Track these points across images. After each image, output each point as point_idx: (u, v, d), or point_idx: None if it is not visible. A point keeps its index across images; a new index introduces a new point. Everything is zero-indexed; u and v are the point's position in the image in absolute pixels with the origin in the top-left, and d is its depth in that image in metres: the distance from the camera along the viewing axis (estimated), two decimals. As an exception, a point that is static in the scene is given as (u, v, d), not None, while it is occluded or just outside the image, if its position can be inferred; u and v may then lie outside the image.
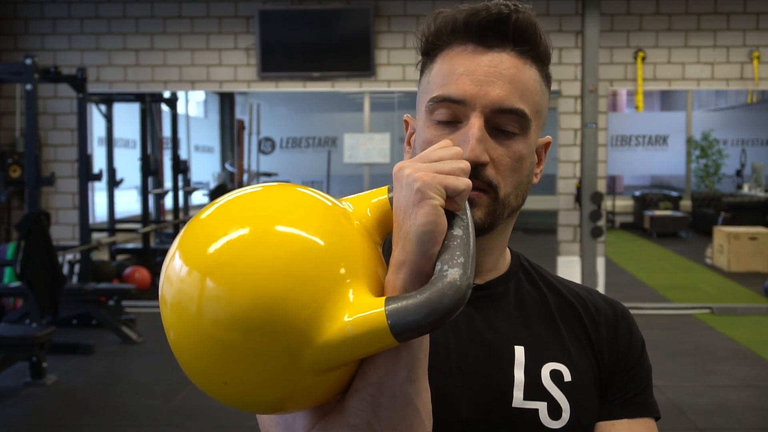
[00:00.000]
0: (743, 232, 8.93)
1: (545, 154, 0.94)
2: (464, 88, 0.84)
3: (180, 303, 0.64)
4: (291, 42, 7.44)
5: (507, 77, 0.84)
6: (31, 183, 5.43)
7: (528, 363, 0.89)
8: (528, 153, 0.87)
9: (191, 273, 0.64)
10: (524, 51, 0.86)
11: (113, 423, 4.19)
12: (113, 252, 8.09)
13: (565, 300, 0.97)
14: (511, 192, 0.87)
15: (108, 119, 7.86)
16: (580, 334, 0.94)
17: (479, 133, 0.82)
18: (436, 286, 0.63)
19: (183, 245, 0.67)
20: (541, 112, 0.89)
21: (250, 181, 10.82)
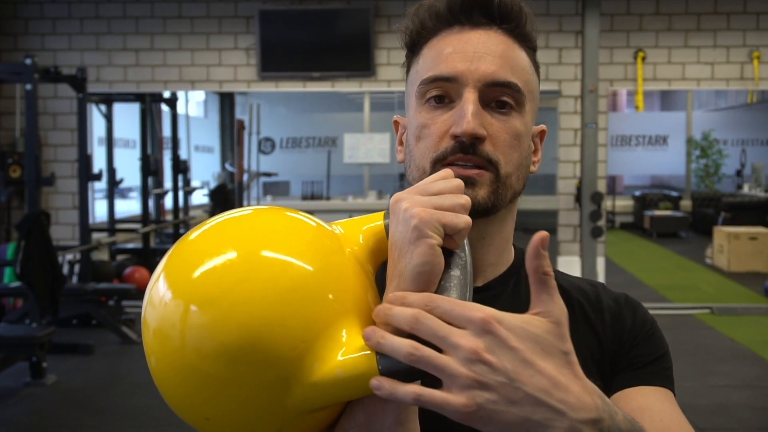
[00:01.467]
0: (743, 232, 8.93)
1: (541, 143, 0.91)
2: (454, 65, 0.81)
3: (162, 329, 0.61)
4: (291, 42, 7.44)
5: (497, 52, 0.82)
6: (31, 183, 5.43)
7: None
8: (525, 131, 0.83)
9: (176, 299, 0.61)
10: (511, 29, 0.84)
11: (113, 423, 4.19)
12: (113, 252, 8.09)
13: (570, 297, 0.91)
14: (512, 171, 0.82)
15: (108, 119, 7.86)
16: (588, 331, 0.89)
17: (474, 107, 0.79)
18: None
19: (169, 268, 0.64)
20: (533, 93, 0.85)
21: (250, 181, 10.82)
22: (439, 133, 0.81)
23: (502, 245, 0.89)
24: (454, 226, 0.64)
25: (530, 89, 0.84)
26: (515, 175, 0.83)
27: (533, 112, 0.86)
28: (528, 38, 0.85)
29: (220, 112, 14.33)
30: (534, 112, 0.87)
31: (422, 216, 0.64)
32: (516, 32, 0.84)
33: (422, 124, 0.83)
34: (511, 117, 0.82)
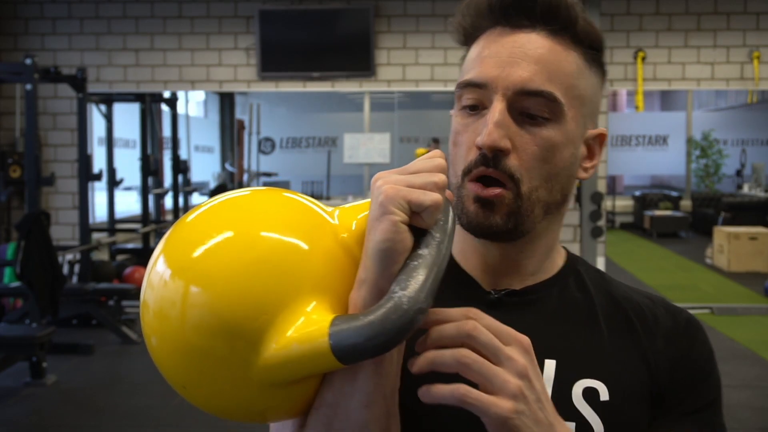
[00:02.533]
0: (743, 232, 8.93)
1: (600, 147, 0.85)
2: (487, 70, 0.78)
3: (162, 309, 0.63)
4: (291, 42, 7.44)
5: (533, 57, 0.77)
6: (31, 183, 5.43)
7: (558, 378, 0.78)
8: (563, 142, 0.78)
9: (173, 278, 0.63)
10: (556, 30, 0.78)
11: (113, 423, 4.19)
12: (113, 252, 8.09)
13: (618, 308, 0.85)
14: (539, 185, 0.78)
15: (108, 119, 7.86)
16: (630, 346, 0.82)
17: (498, 117, 0.75)
18: (382, 309, 0.59)
19: (166, 249, 0.66)
20: (582, 98, 0.80)
21: (250, 181, 10.82)
22: (469, 143, 0.79)
23: (545, 254, 0.85)
24: (420, 203, 0.63)
25: (576, 95, 0.79)
26: (544, 187, 0.78)
27: (582, 118, 0.81)
28: (581, 37, 0.80)
29: (220, 112, 14.33)
30: (586, 117, 0.81)
31: (388, 193, 0.63)
32: (565, 33, 0.79)
33: (456, 130, 0.81)
34: (543, 128, 0.77)
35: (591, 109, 0.82)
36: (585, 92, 0.80)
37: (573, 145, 0.80)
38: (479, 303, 0.78)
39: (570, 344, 0.81)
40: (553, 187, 0.79)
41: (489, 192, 0.76)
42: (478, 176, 0.77)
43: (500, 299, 0.82)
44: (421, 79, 7.55)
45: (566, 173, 0.80)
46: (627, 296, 0.87)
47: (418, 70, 7.53)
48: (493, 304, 0.82)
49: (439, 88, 7.79)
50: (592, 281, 0.88)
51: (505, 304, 0.82)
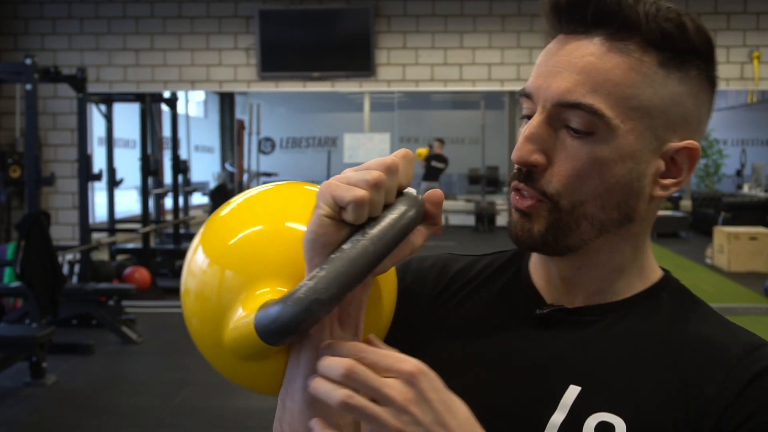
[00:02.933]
0: (743, 232, 8.93)
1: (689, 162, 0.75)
2: (533, 80, 0.75)
3: (202, 292, 0.70)
4: (291, 42, 7.44)
5: (577, 67, 0.71)
6: (31, 183, 5.43)
7: (574, 407, 0.72)
8: (613, 157, 0.71)
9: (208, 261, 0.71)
10: (616, 33, 0.71)
11: (113, 423, 4.19)
12: (113, 252, 8.09)
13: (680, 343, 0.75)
14: (584, 200, 0.72)
15: (108, 119, 7.86)
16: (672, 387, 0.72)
17: (529, 130, 0.72)
18: (288, 298, 0.62)
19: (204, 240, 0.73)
20: (645, 109, 0.71)
21: (250, 181, 10.83)
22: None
23: (610, 275, 0.78)
24: (341, 198, 0.63)
25: (636, 105, 0.71)
26: (593, 203, 0.73)
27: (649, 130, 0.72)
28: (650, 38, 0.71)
29: (220, 112, 14.34)
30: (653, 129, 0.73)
31: (322, 187, 0.65)
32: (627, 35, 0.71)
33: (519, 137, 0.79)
34: (587, 142, 0.71)
35: (668, 120, 0.73)
36: (651, 102, 0.72)
37: (632, 159, 0.72)
38: (530, 316, 0.79)
39: (602, 374, 0.74)
40: (606, 204, 0.73)
41: (523, 203, 0.74)
42: (515, 189, 0.75)
43: (548, 315, 0.78)
44: (421, 79, 7.55)
45: (623, 190, 0.73)
46: (701, 332, 0.76)
47: (418, 70, 7.53)
48: (541, 320, 0.79)
49: (439, 88, 7.80)
50: (671, 311, 0.78)
51: (553, 321, 0.78)
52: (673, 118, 0.73)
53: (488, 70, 7.51)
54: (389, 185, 0.65)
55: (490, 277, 0.86)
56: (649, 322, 0.77)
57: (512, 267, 0.86)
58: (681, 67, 0.72)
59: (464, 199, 14.24)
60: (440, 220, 0.70)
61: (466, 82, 7.54)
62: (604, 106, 0.70)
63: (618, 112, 0.71)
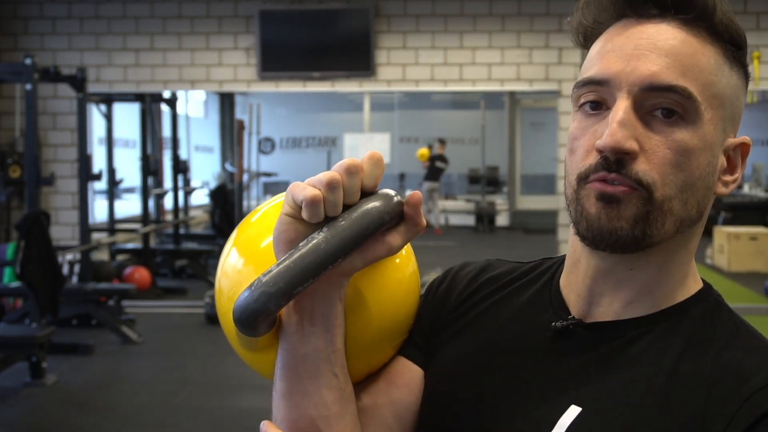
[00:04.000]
0: (743, 232, 8.92)
1: (743, 160, 0.74)
2: (609, 65, 0.69)
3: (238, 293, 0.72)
4: (291, 42, 7.44)
5: (664, 49, 0.68)
6: (30, 183, 5.42)
7: (571, 429, 0.68)
8: (700, 147, 0.68)
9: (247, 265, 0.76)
10: (690, 20, 0.69)
11: (113, 423, 4.19)
12: (113, 252, 8.09)
13: (699, 368, 0.67)
14: (673, 195, 0.67)
15: (108, 119, 7.86)
16: (683, 419, 0.65)
17: (622, 115, 0.66)
18: (245, 291, 0.66)
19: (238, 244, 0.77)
20: (720, 98, 0.69)
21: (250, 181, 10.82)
22: (587, 146, 0.70)
23: (654, 281, 0.72)
24: (294, 197, 0.66)
25: (714, 93, 0.69)
26: (679, 198, 0.68)
27: (721, 122, 0.70)
28: (718, 30, 0.70)
29: (220, 112, 14.33)
30: (726, 121, 0.71)
31: (288, 188, 0.68)
32: (700, 24, 0.69)
33: (573, 135, 0.72)
34: (677, 129, 0.67)
35: (732, 113, 0.72)
36: (724, 92, 0.70)
37: (710, 151, 0.69)
38: (546, 329, 0.76)
39: (605, 398, 0.69)
40: (689, 200, 0.69)
41: (615, 188, 0.67)
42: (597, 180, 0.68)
43: (565, 329, 0.74)
44: (421, 79, 7.55)
45: (703, 184, 0.69)
46: (723, 359, 0.68)
47: (418, 70, 7.53)
48: (559, 334, 0.75)
49: (439, 88, 7.80)
50: (697, 329, 0.71)
51: (570, 335, 0.74)
52: (734, 112, 0.72)
53: (488, 70, 7.51)
54: (348, 185, 0.66)
55: (524, 284, 0.83)
56: (668, 344, 0.70)
57: (545, 276, 0.82)
58: (737, 61, 0.72)
59: (464, 199, 14.24)
60: (421, 222, 0.69)
61: (466, 82, 7.54)
62: (694, 91, 0.67)
63: (703, 99, 0.68)
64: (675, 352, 0.69)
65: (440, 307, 0.84)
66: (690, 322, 0.71)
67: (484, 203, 12.86)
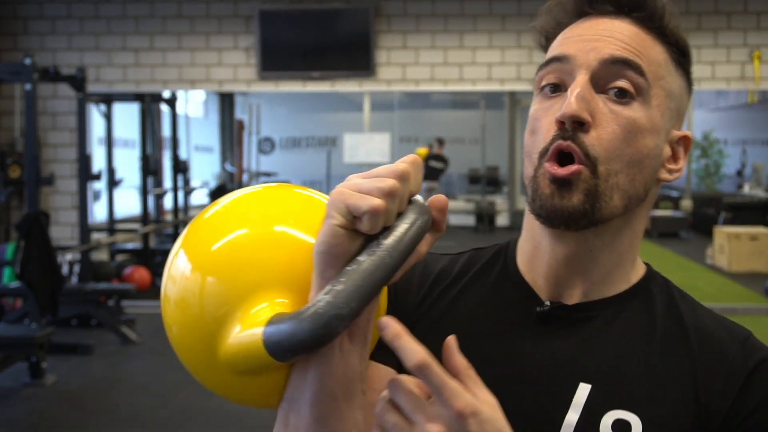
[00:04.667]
0: (744, 232, 8.92)
1: (685, 152, 0.79)
2: (570, 46, 0.75)
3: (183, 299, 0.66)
4: (291, 42, 7.44)
5: (620, 37, 0.74)
6: (30, 183, 5.42)
7: (588, 406, 0.72)
8: (647, 127, 0.73)
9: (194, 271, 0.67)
10: (642, 19, 0.76)
11: (113, 423, 4.19)
12: (113, 252, 8.09)
13: (682, 338, 0.76)
14: (620, 169, 0.72)
15: (108, 119, 7.86)
16: (683, 383, 0.73)
17: (581, 90, 0.71)
18: (303, 312, 0.59)
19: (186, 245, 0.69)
20: (667, 90, 0.76)
21: (250, 181, 10.83)
22: (548, 125, 0.74)
23: (614, 262, 0.78)
24: (356, 207, 0.60)
25: (662, 83, 0.75)
26: (626, 173, 0.73)
27: (667, 111, 0.76)
28: (666, 33, 0.76)
29: (220, 112, 14.33)
30: (672, 112, 0.77)
31: (333, 196, 0.62)
32: (650, 24, 0.76)
33: (534, 116, 0.76)
34: (628, 107, 0.73)
35: (677, 108, 0.78)
36: (671, 86, 0.77)
37: (657, 135, 0.75)
38: (530, 315, 0.78)
39: (611, 371, 0.74)
40: (636, 177, 0.74)
41: (565, 170, 0.72)
42: (555, 152, 0.72)
43: (550, 313, 0.77)
44: (421, 79, 7.55)
45: (650, 164, 0.75)
46: (700, 327, 0.77)
47: (418, 70, 7.52)
48: (543, 318, 0.78)
49: (439, 88, 7.79)
50: (664, 304, 0.79)
51: (555, 318, 0.77)
52: (680, 109, 0.78)
53: (488, 70, 7.50)
54: (402, 193, 0.63)
55: (477, 275, 0.83)
56: (648, 316, 0.77)
57: (497, 264, 0.84)
58: (681, 66, 0.78)
59: (464, 199, 14.24)
60: (444, 227, 0.68)
61: (466, 82, 7.54)
62: (646, 69, 0.73)
63: (653, 84, 0.74)
64: (657, 324, 0.77)
65: (401, 304, 0.82)
66: (654, 298, 0.79)
67: (484, 203, 12.86)
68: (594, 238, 0.76)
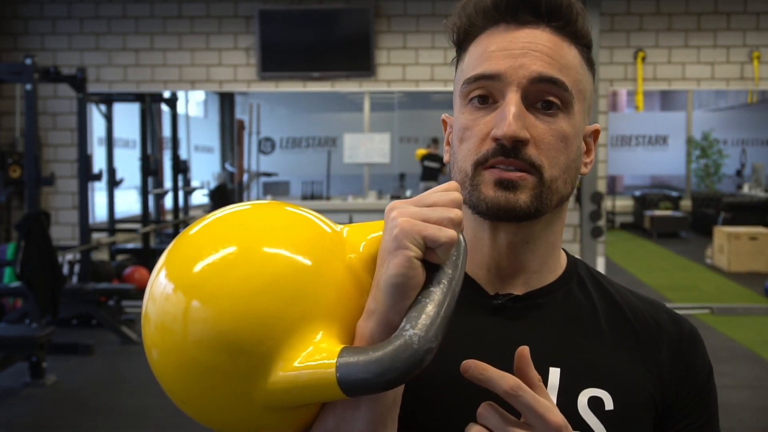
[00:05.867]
0: (743, 232, 8.93)
1: (594, 143, 0.87)
2: (498, 63, 0.78)
3: (164, 323, 0.63)
4: (291, 42, 7.44)
5: (544, 51, 0.78)
6: (31, 183, 5.43)
7: (563, 388, 0.78)
8: (573, 134, 0.79)
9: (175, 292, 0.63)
10: (560, 27, 0.80)
11: (113, 423, 4.19)
12: (113, 252, 8.09)
13: (621, 314, 0.85)
14: (558, 175, 0.78)
15: (108, 119, 7.86)
16: (634, 354, 0.82)
17: (516, 109, 0.75)
18: (392, 346, 0.58)
19: (169, 263, 0.65)
20: (584, 92, 0.82)
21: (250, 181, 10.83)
22: (481, 135, 0.78)
23: (548, 251, 0.84)
24: (435, 239, 0.61)
25: (580, 89, 0.81)
26: (562, 178, 0.79)
27: (584, 113, 0.82)
28: (579, 35, 0.81)
29: (220, 112, 14.33)
30: (585, 112, 0.83)
31: (404, 227, 0.62)
32: (566, 30, 0.80)
33: (465, 125, 0.79)
34: (557, 119, 0.78)
35: (589, 104, 0.84)
36: (586, 87, 0.82)
37: (578, 138, 0.81)
38: (483, 308, 0.81)
39: (574, 352, 0.80)
40: (567, 179, 0.80)
41: (513, 174, 0.76)
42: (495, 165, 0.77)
43: (504, 305, 0.81)
44: (421, 79, 7.55)
45: (575, 166, 0.81)
46: (629, 302, 0.86)
47: (418, 70, 7.53)
48: (497, 310, 0.81)
49: (439, 88, 7.80)
50: (593, 285, 0.87)
51: (509, 309, 0.81)
52: (591, 103, 0.85)
53: (488, 70, 7.51)
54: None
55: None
56: (586, 298, 0.85)
57: None
58: (588, 60, 0.83)
59: (464, 199, 14.25)
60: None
61: (466, 82, 7.54)
62: (569, 85, 0.78)
63: (574, 93, 0.79)
64: (595, 303, 0.85)
65: None
66: (584, 281, 0.87)
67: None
68: (530, 230, 0.81)
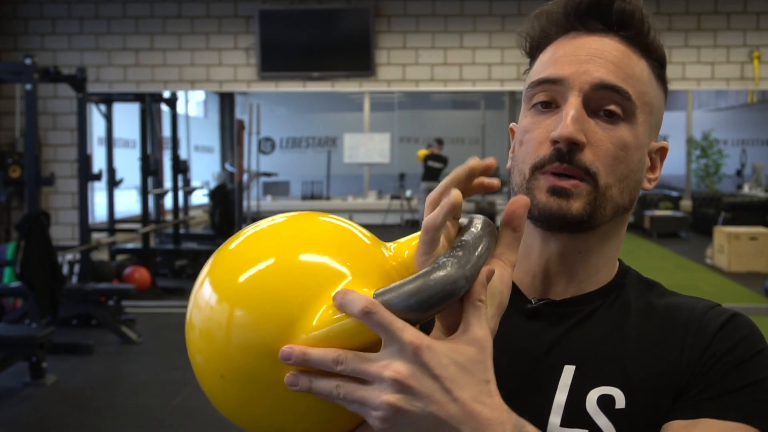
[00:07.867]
0: (743, 232, 8.92)
1: (661, 162, 0.85)
2: (562, 67, 0.79)
3: (209, 330, 0.65)
4: (291, 42, 7.44)
5: (610, 58, 0.78)
6: (30, 183, 5.42)
7: (574, 385, 0.78)
8: (634, 144, 0.79)
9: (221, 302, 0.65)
10: (630, 37, 0.80)
11: (113, 423, 4.19)
12: (113, 252, 8.09)
13: (653, 313, 0.83)
14: (613, 183, 0.78)
15: (108, 119, 7.86)
16: (658, 347, 0.79)
17: (575, 112, 0.76)
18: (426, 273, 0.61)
19: (213, 274, 0.68)
20: (650, 105, 0.81)
21: (250, 181, 10.83)
22: (540, 138, 0.79)
23: (601, 262, 0.84)
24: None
25: (646, 101, 0.80)
26: (618, 187, 0.79)
27: (649, 127, 0.82)
28: (650, 48, 0.81)
29: (220, 112, 14.34)
30: (652, 127, 0.82)
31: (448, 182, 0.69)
32: (636, 41, 0.80)
33: (525, 128, 0.81)
34: (618, 126, 0.78)
35: (656, 121, 0.83)
36: (653, 101, 0.82)
37: (641, 150, 0.81)
38: (518, 311, 0.82)
39: (592, 351, 0.80)
40: (624, 190, 0.80)
41: (565, 182, 0.77)
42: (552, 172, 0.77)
43: (538, 309, 0.83)
44: (421, 79, 7.55)
45: (635, 177, 0.81)
46: (669, 302, 0.84)
47: (418, 70, 7.52)
48: (531, 314, 0.83)
49: (439, 88, 7.80)
50: (636, 292, 0.85)
51: (543, 313, 0.83)
52: (658, 120, 0.84)
53: (488, 70, 7.50)
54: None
55: None
56: (624, 304, 0.84)
57: None
58: (660, 78, 0.83)
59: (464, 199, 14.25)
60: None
61: (466, 82, 7.54)
62: (632, 94, 0.78)
63: (638, 104, 0.79)
64: (630, 308, 0.83)
65: None
66: (628, 289, 0.85)
67: (484, 203, 12.87)
68: (583, 241, 0.81)
